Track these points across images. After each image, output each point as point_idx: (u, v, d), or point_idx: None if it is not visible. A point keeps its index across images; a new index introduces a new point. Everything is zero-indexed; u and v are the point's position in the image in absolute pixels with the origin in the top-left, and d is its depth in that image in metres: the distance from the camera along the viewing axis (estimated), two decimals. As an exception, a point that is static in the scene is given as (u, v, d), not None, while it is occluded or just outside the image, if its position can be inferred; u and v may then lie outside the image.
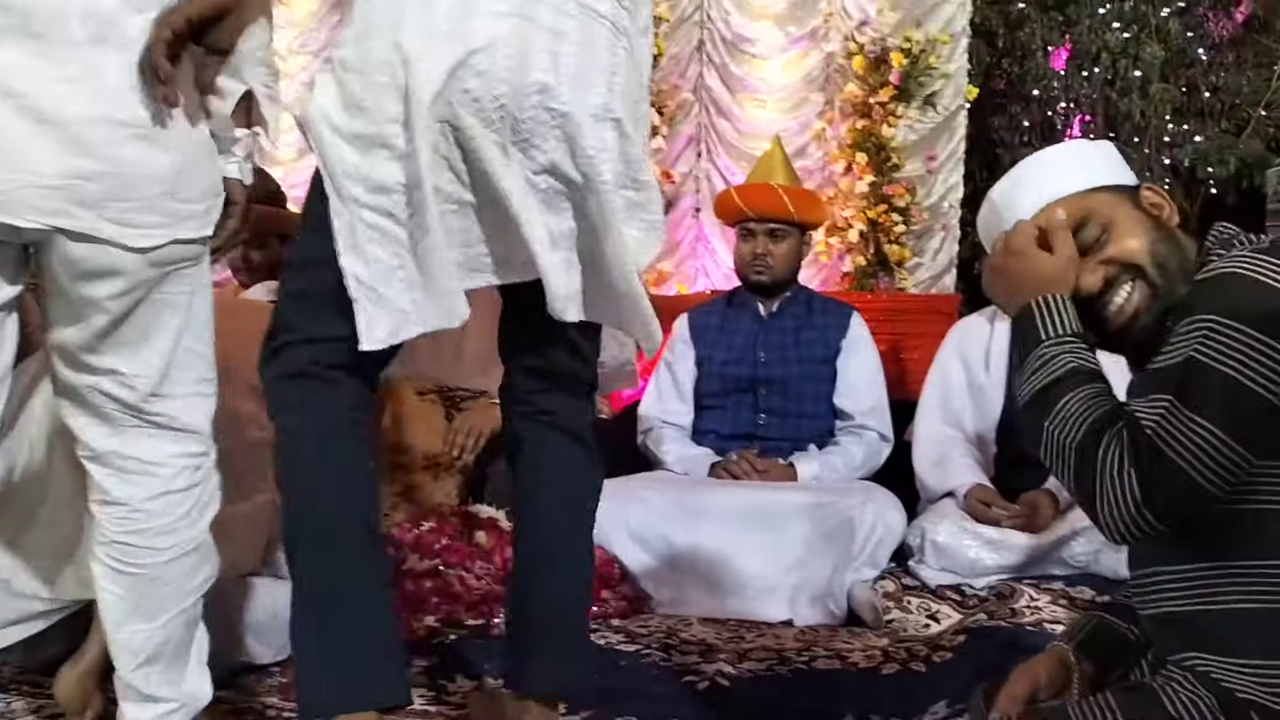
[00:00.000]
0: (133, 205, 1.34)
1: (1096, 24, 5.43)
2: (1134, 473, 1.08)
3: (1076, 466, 1.13)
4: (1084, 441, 1.13)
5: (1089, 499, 1.12)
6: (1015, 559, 2.68)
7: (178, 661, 1.55)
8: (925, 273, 5.31)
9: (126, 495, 1.46)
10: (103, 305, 1.37)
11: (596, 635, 2.38)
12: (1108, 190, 1.27)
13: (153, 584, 1.49)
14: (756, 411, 3.03)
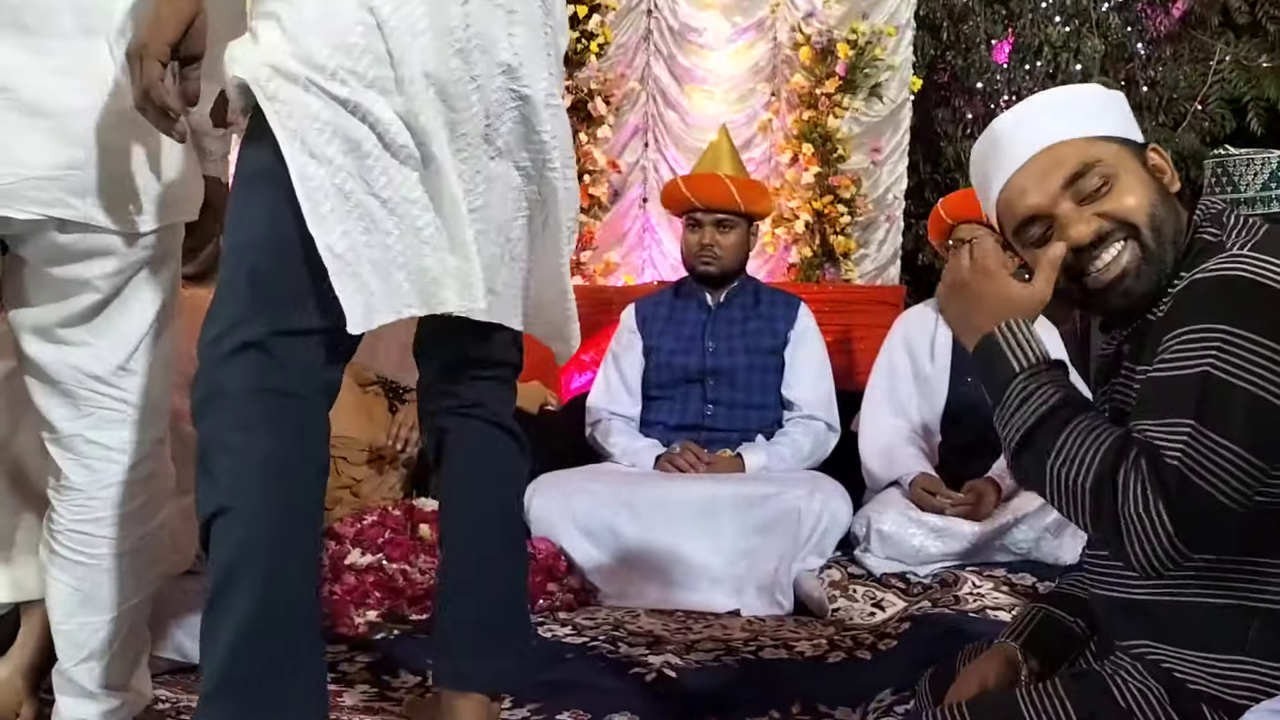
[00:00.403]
0: (126, 191, 1.36)
1: (1039, 18, 5.49)
2: (1161, 505, 1.02)
3: (1093, 507, 1.07)
4: (1098, 480, 1.07)
5: (1115, 537, 1.06)
6: (959, 547, 2.71)
7: (123, 658, 1.51)
8: (871, 264, 5.34)
9: (85, 481, 1.44)
10: (93, 284, 1.39)
11: (543, 628, 2.36)
12: (1115, 142, 1.21)
13: (106, 575, 1.46)
14: (704, 402, 3.02)
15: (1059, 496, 1.10)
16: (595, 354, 3.71)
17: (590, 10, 5.17)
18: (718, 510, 2.65)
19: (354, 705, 1.91)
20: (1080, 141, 1.20)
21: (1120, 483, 1.05)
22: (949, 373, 3.05)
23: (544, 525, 2.71)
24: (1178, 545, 1.02)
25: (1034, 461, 1.13)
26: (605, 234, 5.42)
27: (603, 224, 5.39)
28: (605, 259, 5.38)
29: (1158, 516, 1.02)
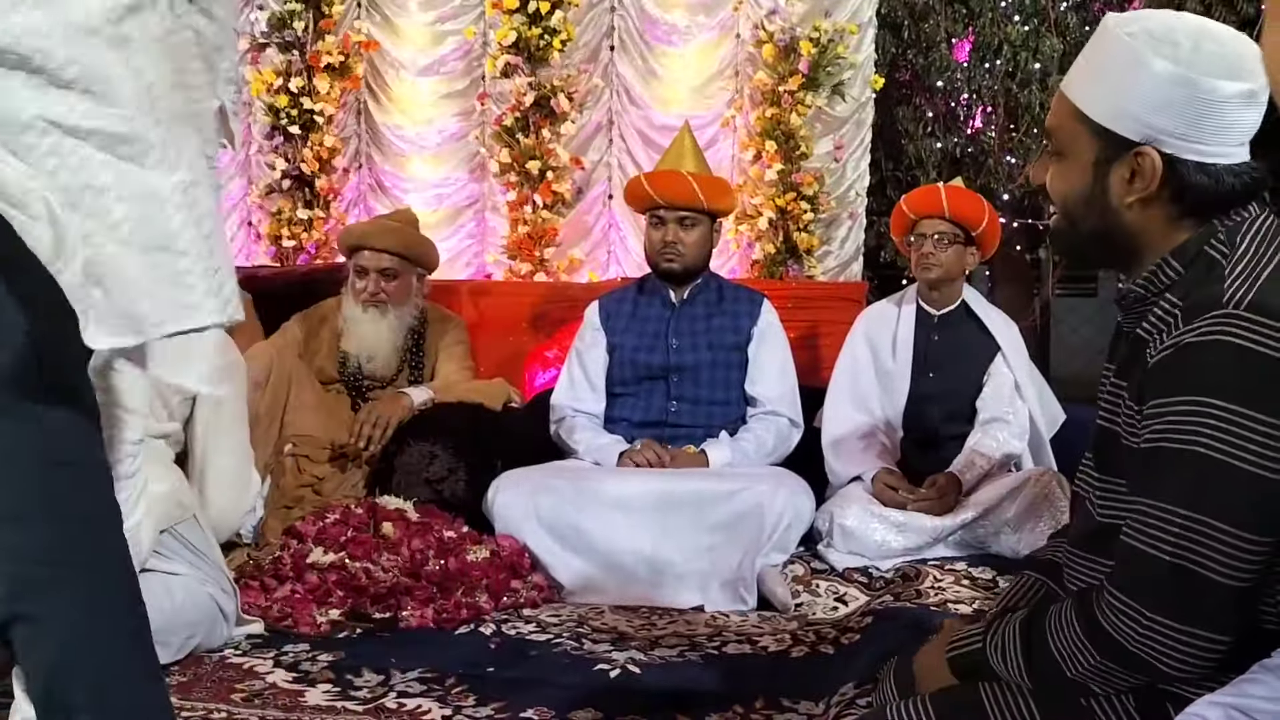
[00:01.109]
0: None
1: (998, 17, 5.55)
2: (1166, 619, 1.05)
3: (1111, 668, 1.10)
4: (1089, 650, 1.11)
5: (1154, 673, 1.08)
6: (921, 541, 2.74)
7: None
8: (833, 261, 5.37)
9: None
10: None
11: (507, 625, 2.36)
12: (1094, 130, 1.18)
13: None
14: (668, 399, 3.02)
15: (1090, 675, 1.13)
16: (559, 351, 3.71)
17: (553, 6, 5.16)
18: (681, 506, 2.65)
19: (316, 705, 1.90)
20: (1070, 111, 1.20)
21: (1102, 631, 1.09)
22: (910, 368, 3.08)
23: (508, 522, 2.70)
24: (1211, 638, 1.04)
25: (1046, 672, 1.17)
26: (569, 231, 5.41)
27: (566, 221, 5.38)
28: (569, 255, 5.37)
29: (1172, 630, 1.05)
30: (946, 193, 3.00)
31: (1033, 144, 5.69)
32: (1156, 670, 1.07)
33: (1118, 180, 1.18)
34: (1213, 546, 1.03)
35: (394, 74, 5.54)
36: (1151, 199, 1.16)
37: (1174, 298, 1.14)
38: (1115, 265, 1.26)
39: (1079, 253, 1.27)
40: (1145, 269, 1.19)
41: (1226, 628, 1.04)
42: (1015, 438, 2.97)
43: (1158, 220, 1.18)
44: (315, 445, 3.01)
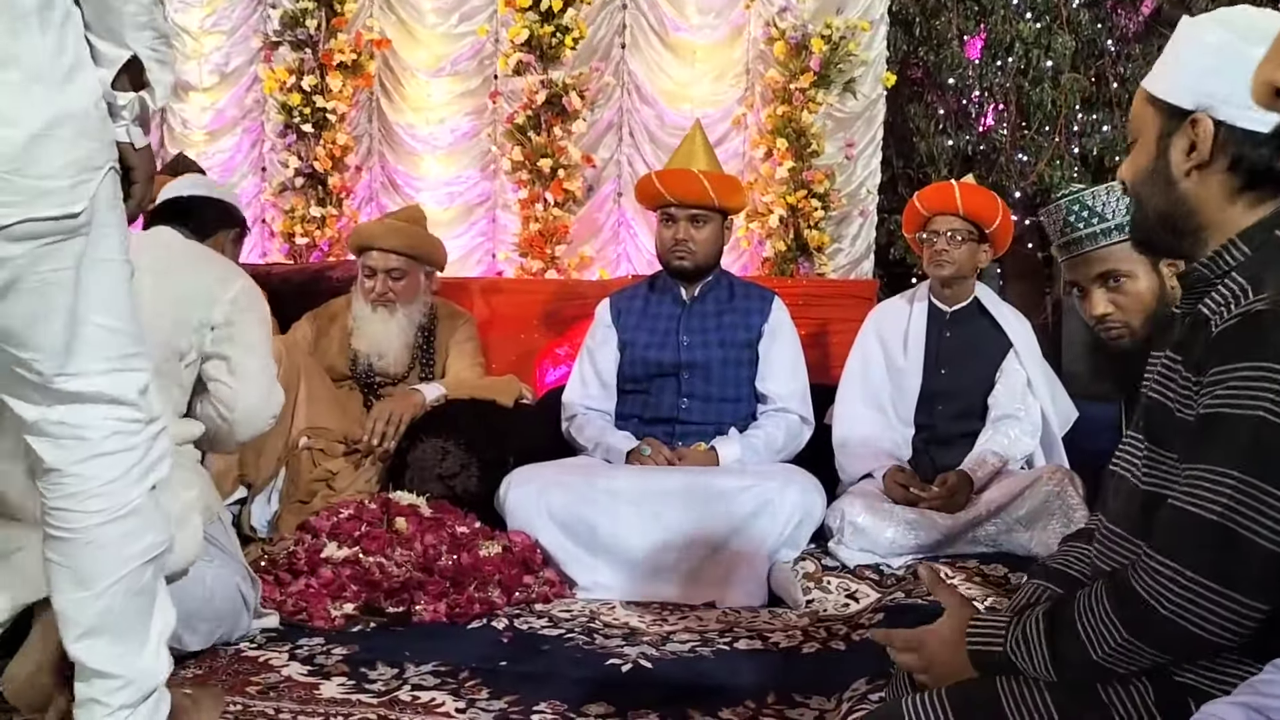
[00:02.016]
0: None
1: (1010, 14, 5.53)
2: (1205, 580, 1.04)
3: (1137, 645, 1.09)
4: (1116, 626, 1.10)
5: (1182, 643, 1.07)
6: (932, 538, 2.74)
7: (127, 636, 1.51)
8: (844, 258, 5.37)
9: (57, 460, 1.46)
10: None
11: (519, 621, 2.37)
12: (1160, 107, 1.23)
13: (86, 548, 1.47)
14: (679, 396, 3.03)
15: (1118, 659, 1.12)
16: (570, 348, 3.72)
17: (565, 4, 5.16)
18: (692, 503, 2.66)
19: (331, 698, 1.91)
20: (1142, 94, 1.26)
21: (1137, 597, 1.08)
22: (922, 365, 3.07)
23: (519, 518, 2.71)
24: (1248, 602, 1.04)
25: (1073, 657, 1.15)
26: (580, 228, 5.42)
27: (577, 218, 5.39)
28: (580, 253, 5.39)
29: (1211, 590, 1.05)
30: (960, 189, 2.99)
31: (1045, 142, 5.68)
32: (1186, 637, 1.06)
33: (1177, 152, 1.22)
34: (1263, 511, 1.03)
35: (406, 73, 5.56)
36: (1208, 168, 1.20)
37: (1240, 277, 1.16)
38: (1181, 250, 1.26)
39: (1149, 240, 1.29)
40: (1209, 250, 1.21)
41: (1265, 596, 1.04)
42: (1027, 435, 2.97)
43: (1216, 192, 1.20)
44: (330, 438, 3.03)
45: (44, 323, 1.41)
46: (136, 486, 1.50)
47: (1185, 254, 1.26)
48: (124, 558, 1.49)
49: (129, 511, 1.49)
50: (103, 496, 1.47)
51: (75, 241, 1.41)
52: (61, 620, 1.49)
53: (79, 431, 1.46)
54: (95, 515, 1.47)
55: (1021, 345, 3.04)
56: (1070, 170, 5.73)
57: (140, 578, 1.51)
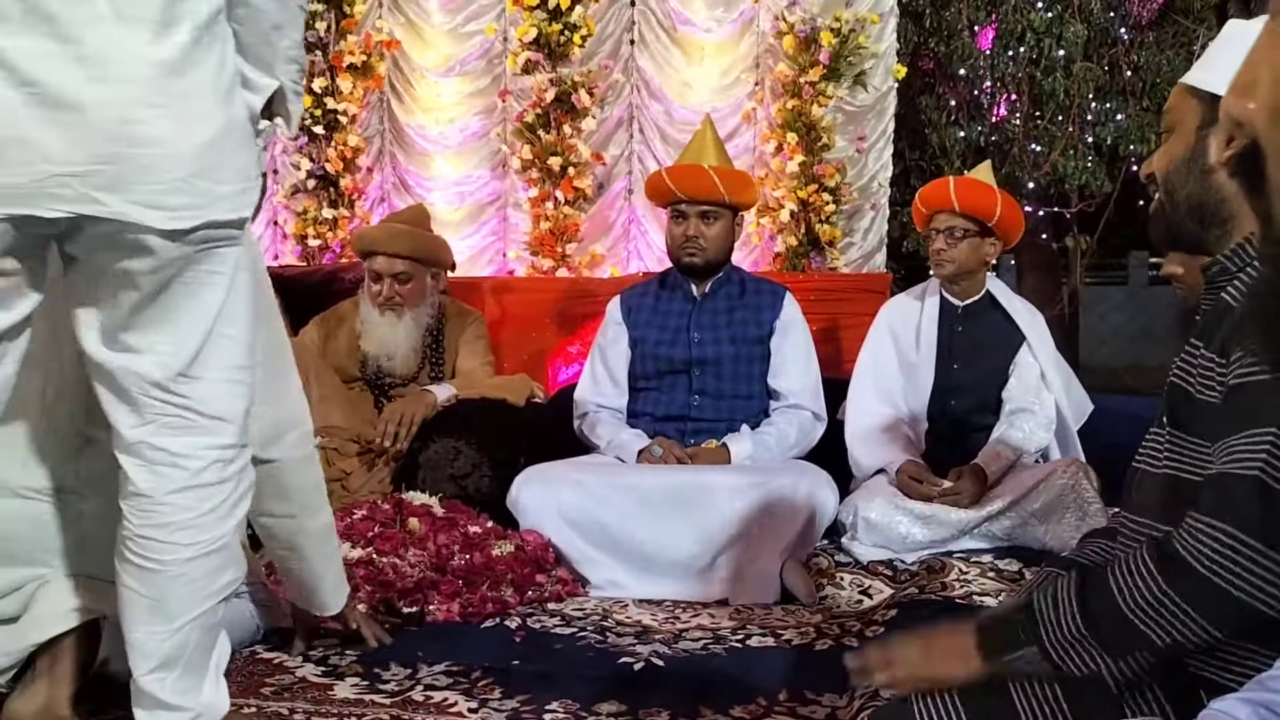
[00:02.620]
0: (161, 187, 1.32)
1: (1021, 4, 5.51)
2: (1248, 538, 1.03)
3: (1173, 601, 1.07)
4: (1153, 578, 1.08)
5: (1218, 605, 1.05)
6: (946, 533, 2.73)
7: (195, 669, 1.51)
8: (856, 252, 5.35)
9: (151, 488, 1.44)
10: (136, 281, 1.36)
11: (532, 619, 2.38)
12: (1201, 97, 1.24)
13: (173, 581, 1.45)
14: (690, 393, 3.03)
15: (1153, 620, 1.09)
16: (582, 346, 3.72)
17: (573, 2, 5.16)
18: (704, 500, 2.66)
19: (344, 698, 1.92)
20: (1182, 87, 1.27)
21: (1183, 548, 1.07)
22: (935, 360, 3.06)
23: (531, 517, 2.71)
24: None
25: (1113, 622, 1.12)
26: (591, 226, 5.41)
27: (588, 216, 5.39)
28: (591, 251, 5.38)
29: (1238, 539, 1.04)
30: (955, 185, 2.96)
31: (1057, 131, 5.65)
32: (1223, 597, 1.04)
33: (1216, 142, 1.21)
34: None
35: (416, 73, 5.57)
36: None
37: (1261, 252, 1.15)
38: (1205, 242, 1.26)
39: (1174, 231, 1.28)
40: (1233, 243, 1.21)
41: None
42: (1041, 429, 2.95)
43: None
44: (343, 437, 3.04)
45: (187, 321, 1.42)
46: (226, 521, 1.49)
47: (1209, 247, 1.25)
48: (207, 594, 1.49)
49: (220, 547, 1.48)
50: (195, 529, 1.45)
51: (235, 248, 1.44)
52: (136, 651, 1.47)
53: (178, 460, 1.44)
54: (186, 549, 1.45)
55: (1034, 338, 3.02)
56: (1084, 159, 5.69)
57: (216, 614, 1.51)
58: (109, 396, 1.44)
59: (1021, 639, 1.17)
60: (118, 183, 1.29)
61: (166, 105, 1.31)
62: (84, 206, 1.28)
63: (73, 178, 1.27)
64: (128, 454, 1.44)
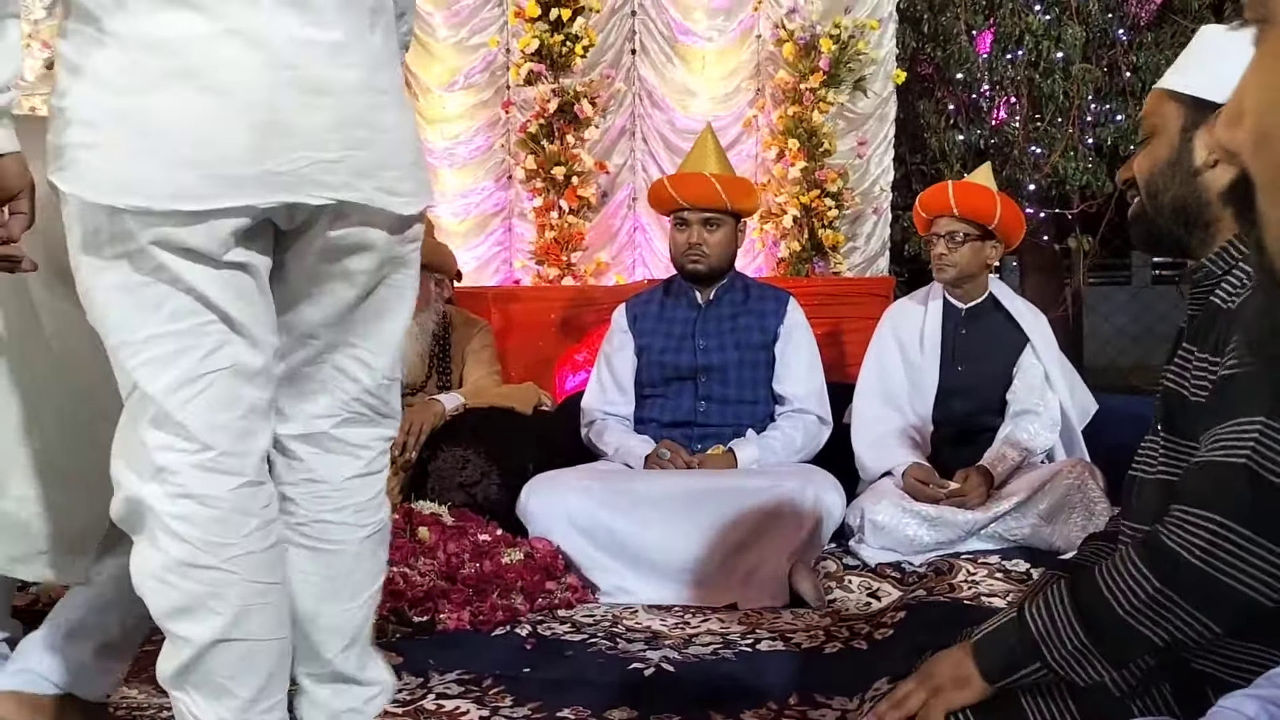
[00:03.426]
0: (397, 173, 1.34)
1: (1019, 7, 5.52)
2: (1237, 527, 1.04)
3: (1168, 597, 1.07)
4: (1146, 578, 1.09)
5: (1214, 596, 1.05)
6: (953, 535, 2.74)
7: (370, 645, 1.57)
8: (859, 256, 5.37)
9: (330, 474, 1.47)
10: (354, 279, 1.37)
11: (543, 626, 2.39)
12: (1183, 101, 1.25)
13: (354, 560, 1.50)
14: (696, 399, 3.04)
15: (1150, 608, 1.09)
16: (589, 354, 3.74)
17: (574, 13, 5.19)
18: (712, 505, 2.67)
19: (357, 708, 1.93)
20: (1160, 92, 1.28)
21: (1171, 541, 1.07)
22: (939, 362, 3.07)
23: (541, 524, 2.73)
24: (1271, 548, 1.03)
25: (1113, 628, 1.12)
26: (595, 235, 5.44)
27: (593, 225, 5.41)
28: (596, 259, 5.40)
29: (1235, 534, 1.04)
30: (954, 190, 2.98)
31: (1057, 133, 5.66)
32: (1218, 588, 1.04)
33: (1201, 144, 1.24)
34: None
35: (421, 88, 5.60)
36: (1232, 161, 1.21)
37: (1250, 267, 1.17)
38: (1188, 246, 1.27)
39: (1156, 234, 1.29)
40: (1216, 246, 1.22)
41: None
42: (1046, 429, 2.96)
43: None
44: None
45: (388, 325, 1.45)
46: (386, 505, 1.56)
47: (1191, 250, 1.26)
48: (378, 571, 1.55)
49: (384, 528, 1.55)
50: (367, 512, 1.51)
51: (418, 245, 1.47)
52: (326, 632, 1.49)
53: (355, 450, 1.49)
54: (362, 529, 1.50)
55: (1038, 339, 3.04)
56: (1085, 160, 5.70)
57: (379, 592, 1.57)
58: (298, 388, 1.44)
59: (1022, 659, 1.17)
60: (366, 168, 1.30)
61: (389, 93, 1.34)
62: (344, 193, 1.28)
63: (333, 164, 1.27)
64: (308, 443, 1.46)
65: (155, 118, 1.20)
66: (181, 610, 1.26)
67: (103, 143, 1.20)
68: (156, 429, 1.25)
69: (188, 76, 1.20)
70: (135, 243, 1.22)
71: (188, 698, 1.28)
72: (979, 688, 1.20)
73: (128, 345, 1.24)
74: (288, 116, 1.23)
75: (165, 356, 1.24)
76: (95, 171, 1.20)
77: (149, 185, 1.20)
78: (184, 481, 1.24)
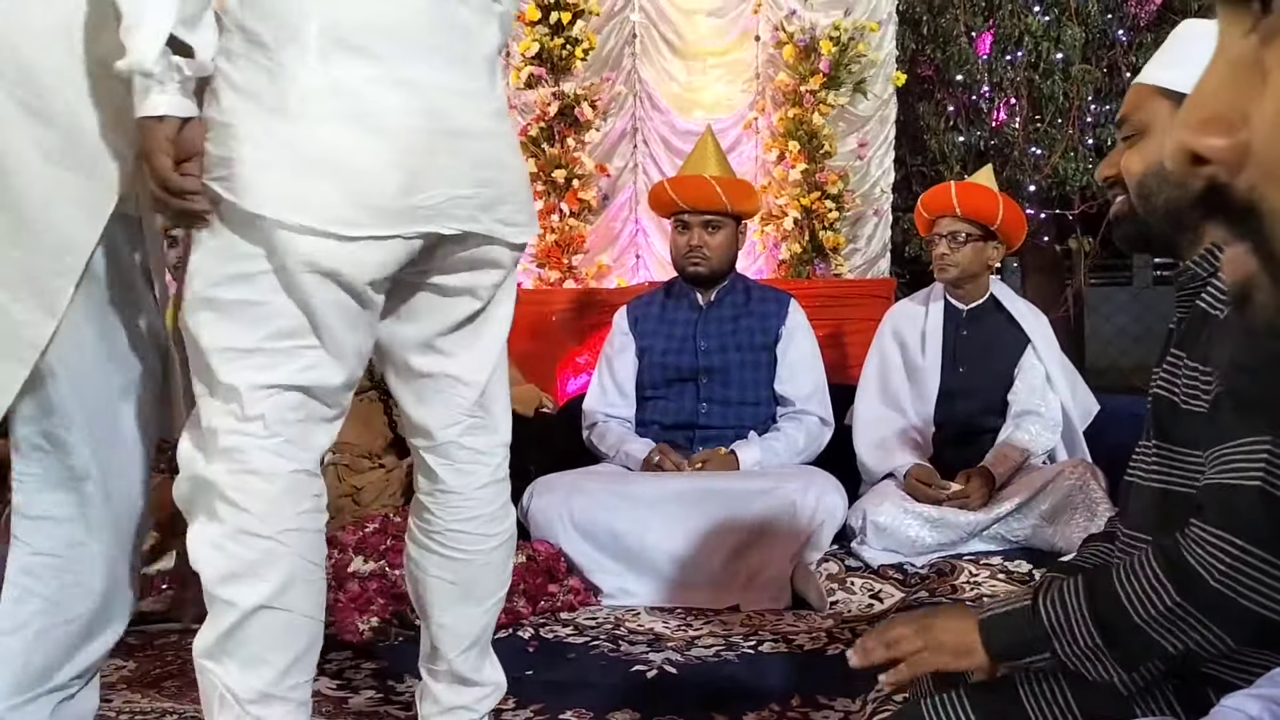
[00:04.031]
0: (514, 207, 1.47)
1: (1018, 8, 5.53)
2: (1257, 550, 1.03)
3: (1186, 611, 1.07)
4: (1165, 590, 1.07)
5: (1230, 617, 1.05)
6: (955, 536, 2.74)
7: (489, 648, 1.64)
8: (860, 258, 5.37)
9: (459, 484, 1.55)
10: (477, 293, 1.50)
11: (545, 629, 2.39)
12: (1171, 97, 1.21)
13: (483, 569, 1.58)
14: (698, 401, 3.04)
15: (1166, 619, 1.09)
16: (590, 356, 3.74)
17: (574, 16, 5.20)
18: (714, 507, 2.67)
19: (359, 711, 1.94)
20: (1144, 88, 1.25)
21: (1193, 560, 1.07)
22: (940, 363, 3.07)
23: (543, 527, 2.73)
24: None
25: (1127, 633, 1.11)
26: (596, 237, 5.44)
27: (594, 227, 5.41)
28: (597, 261, 5.41)
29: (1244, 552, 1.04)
30: (957, 190, 2.98)
31: (1057, 134, 5.66)
32: (1236, 609, 1.04)
33: None
34: None
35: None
36: None
37: None
38: (1178, 247, 1.25)
39: (1144, 235, 1.26)
40: (1201, 248, 1.21)
41: None
42: (1048, 430, 2.96)
43: None
44: (354, 453, 3.06)
45: (493, 330, 1.56)
46: (512, 512, 1.64)
47: (1180, 252, 1.25)
48: (504, 579, 1.63)
49: (510, 536, 1.62)
50: (496, 520, 1.59)
51: (516, 269, 1.58)
52: (449, 634, 1.58)
53: (481, 458, 1.57)
54: (491, 539, 1.58)
55: (1039, 340, 3.03)
56: (1085, 162, 5.70)
57: (504, 599, 1.66)
58: (420, 401, 1.55)
59: (1033, 646, 1.16)
60: (491, 204, 1.44)
61: (507, 136, 1.50)
62: (470, 225, 1.42)
63: (465, 199, 1.40)
64: (437, 454, 1.55)
65: (324, 149, 1.32)
66: (233, 575, 1.31)
67: (272, 162, 1.31)
68: (234, 419, 1.33)
69: (358, 117, 1.33)
70: (275, 260, 1.31)
71: (222, 668, 1.32)
72: (980, 661, 1.19)
73: (227, 352, 1.33)
74: (437, 159, 1.37)
75: (259, 365, 1.33)
76: (260, 185, 1.30)
77: (311, 206, 1.31)
78: (249, 459, 1.32)
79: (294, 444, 1.36)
